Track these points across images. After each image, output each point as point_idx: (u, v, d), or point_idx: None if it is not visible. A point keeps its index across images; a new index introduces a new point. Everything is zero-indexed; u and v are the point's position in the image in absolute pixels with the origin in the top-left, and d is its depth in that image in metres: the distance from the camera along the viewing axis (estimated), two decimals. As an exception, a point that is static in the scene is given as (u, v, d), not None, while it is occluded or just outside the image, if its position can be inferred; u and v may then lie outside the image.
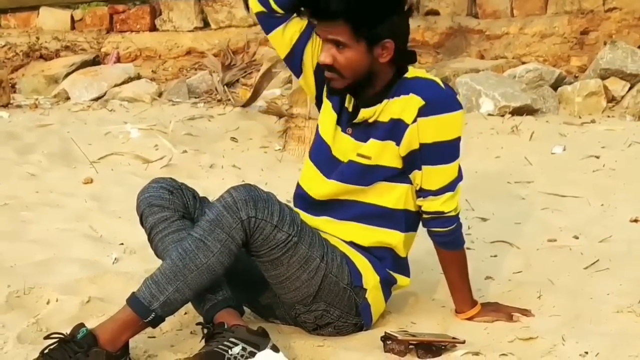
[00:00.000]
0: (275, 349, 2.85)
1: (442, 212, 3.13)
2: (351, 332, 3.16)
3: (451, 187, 3.14)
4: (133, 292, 2.88)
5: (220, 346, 2.77)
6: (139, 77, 9.43)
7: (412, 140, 3.01)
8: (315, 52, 3.18)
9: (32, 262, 4.03)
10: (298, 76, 3.30)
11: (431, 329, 3.19)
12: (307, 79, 3.27)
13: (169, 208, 3.09)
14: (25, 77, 9.91)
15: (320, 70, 3.14)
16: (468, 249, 4.08)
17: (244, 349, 2.79)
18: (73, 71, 9.63)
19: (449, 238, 3.19)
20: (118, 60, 10.23)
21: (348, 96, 3.15)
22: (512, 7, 9.64)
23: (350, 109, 3.15)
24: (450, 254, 3.23)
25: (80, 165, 5.98)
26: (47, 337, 2.86)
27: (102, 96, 8.87)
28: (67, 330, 2.87)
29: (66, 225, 4.64)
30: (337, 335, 3.15)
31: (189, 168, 5.96)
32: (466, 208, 4.78)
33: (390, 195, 3.11)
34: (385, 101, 3.05)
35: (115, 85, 8.98)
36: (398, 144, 3.03)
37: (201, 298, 2.97)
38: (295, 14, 3.19)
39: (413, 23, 10.13)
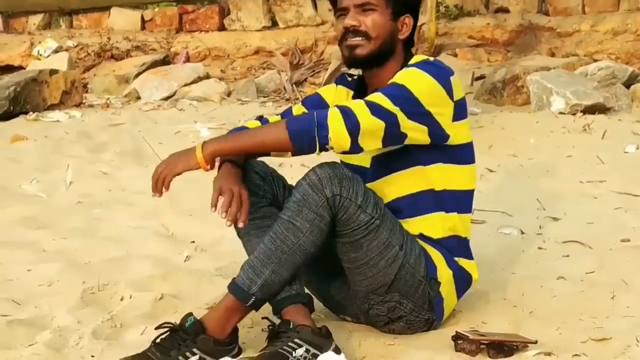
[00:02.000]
0: (337, 350, 2.87)
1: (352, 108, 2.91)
2: (422, 327, 3.15)
3: (372, 107, 2.89)
4: (233, 279, 2.94)
5: (284, 347, 2.80)
6: (208, 76, 9.51)
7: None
8: None
9: (105, 259, 4.10)
10: None
11: (502, 329, 3.17)
12: None
13: (258, 194, 3.12)
14: (96, 77, 10.04)
15: None
16: (540, 248, 4.10)
17: (307, 350, 2.81)
18: (143, 71, 9.74)
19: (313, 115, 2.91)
20: (187, 60, 10.32)
21: None
22: (584, 4, 9.55)
23: None
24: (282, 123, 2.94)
25: (152, 163, 5.99)
26: (157, 327, 2.94)
27: (172, 95, 8.96)
28: (176, 321, 2.96)
29: (138, 223, 4.70)
30: (408, 331, 3.14)
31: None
32: (537, 207, 4.75)
33: (423, 179, 3.10)
34: None
35: (185, 85, 9.07)
36: None
37: None
38: None
39: (482, 20, 10.16)
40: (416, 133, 2.98)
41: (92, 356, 3.02)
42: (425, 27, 6.28)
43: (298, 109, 3.31)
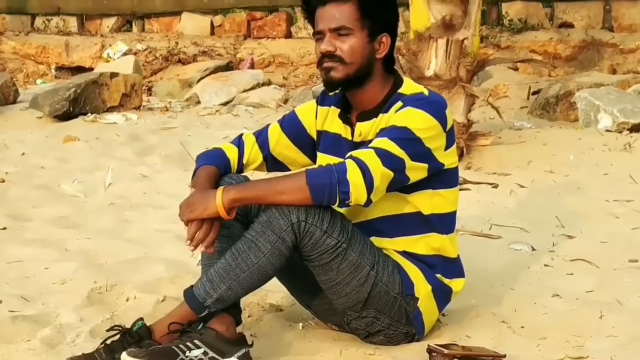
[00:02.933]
0: (244, 358, 2.94)
1: (359, 160, 2.94)
2: (402, 340, 3.22)
3: (383, 156, 2.94)
4: (190, 289, 3.02)
5: (180, 345, 2.88)
6: (269, 83, 9.65)
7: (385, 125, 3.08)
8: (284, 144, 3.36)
9: (122, 260, 4.24)
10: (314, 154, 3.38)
11: (484, 343, 3.22)
12: (306, 148, 3.39)
13: None
14: (161, 81, 10.28)
15: (301, 139, 3.33)
16: (546, 265, 4.13)
17: (205, 353, 2.88)
18: (206, 76, 9.93)
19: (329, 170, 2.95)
20: (252, 66, 10.49)
21: (344, 126, 3.21)
22: (651, 20, 9.48)
23: (350, 137, 3.21)
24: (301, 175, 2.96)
25: (192, 167, 6.17)
26: (109, 330, 3.06)
27: (231, 101, 9.12)
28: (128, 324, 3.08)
29: (163, 226, 4.83)
30: (389, 344, 3.21)
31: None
32: (556, 225, 4.77)
33: (407, 203, 3.14)
34: (380, 115, 3.12)
35: (244, 91, 9.22)
36: None
37: None
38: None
39: (546, 35, 10.14)
40: (417, 172, 3.06)
41: (83, 353, 3.14)
42: (467, 41, 6.29)
43: (248, 138, 3.37)
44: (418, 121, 3.03)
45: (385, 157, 2.95)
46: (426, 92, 3.14)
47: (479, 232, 4.63)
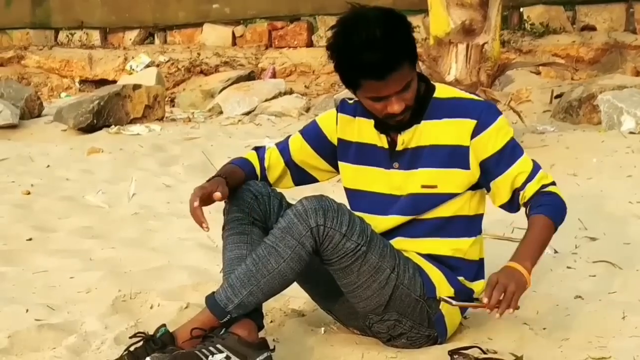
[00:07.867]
0: None
1: (545, 185, 3.17)
2: (425, 343, 3.22)
3: (537, 170, 3.17)
4: (212, 295, 3.04)
5: (203, 350, 2.89)
6: (291, 92, 9.68)
7: (476, 159, 3.11)
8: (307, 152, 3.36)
9: (146, 269, 4.28)
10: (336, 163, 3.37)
11: (506, 345, 3.22)
12: (328, 155, 3.37)
13: (244, 211, 3.19)
14: (184, 92, 10.33)
15: (323, 146, 3.33)
16: (569, 267, 4.13)
17: (227, 357, 2.88)
18: (228, 86, 9.97)
19: (554, 200, 3.18)
20: (274, 75, 10.52)
21: (379, 136, 3.20)
22: (675, 22, 9.46)
23: (386, 145, 3.20)
24: (545, 219, 3.13)
25: (215, 176, 6.21)
26: (132, 337, 3.09)
27: (253, 110, 9.16)
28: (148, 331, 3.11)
29: (187, 234, 4.87)
30: (411, 347, 3.22)
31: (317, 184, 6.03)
32: (579, 227, 4.76)
33: (449, 208, 3.17)
34: (423, 122, 3.11)
35: (266, 100, 9.27)
36: (467, 168, 3.12)
37: None
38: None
39: (568, 38, 10.13)
40: None
41: (107, 360, 3.19)
42: (488, 45, 6.30)
43: (267, 146, 3.40)
44: (505, 129, 3.14)
45: (538, 167, 3.18)
46: (470, 96, 3.17)
47: (502, 236, 4.63)
